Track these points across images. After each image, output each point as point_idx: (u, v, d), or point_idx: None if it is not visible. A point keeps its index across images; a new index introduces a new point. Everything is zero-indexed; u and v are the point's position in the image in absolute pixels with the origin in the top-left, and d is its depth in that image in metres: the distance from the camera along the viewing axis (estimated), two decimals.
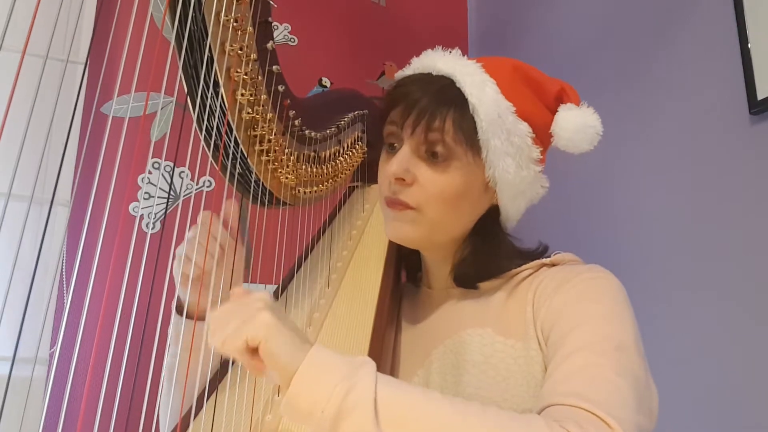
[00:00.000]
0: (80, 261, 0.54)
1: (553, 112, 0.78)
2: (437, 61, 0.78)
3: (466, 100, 0.73)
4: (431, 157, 0.74)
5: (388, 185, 0.77)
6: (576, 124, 0.76)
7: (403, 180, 0.75)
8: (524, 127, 0.75)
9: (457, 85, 0.74)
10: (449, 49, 0.79)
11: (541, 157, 0.78)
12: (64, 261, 1.42)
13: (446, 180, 0.74)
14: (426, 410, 0.51)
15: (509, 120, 0.74)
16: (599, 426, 0.52)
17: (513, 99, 0.75)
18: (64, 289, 1.41)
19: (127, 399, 0.55)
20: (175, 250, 0.76)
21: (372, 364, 0.53)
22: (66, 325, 1.28)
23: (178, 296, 0.79)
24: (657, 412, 0.62)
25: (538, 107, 0.78)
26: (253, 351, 0.52)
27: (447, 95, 0.74)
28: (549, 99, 0.79)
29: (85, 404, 0.52)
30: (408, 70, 0.81)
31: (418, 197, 0.75)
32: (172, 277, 0.76)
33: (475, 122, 0.73)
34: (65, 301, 1.40)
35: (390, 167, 0.75)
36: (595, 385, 0.57)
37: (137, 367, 0.54)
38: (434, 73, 0.77)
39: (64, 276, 1.43)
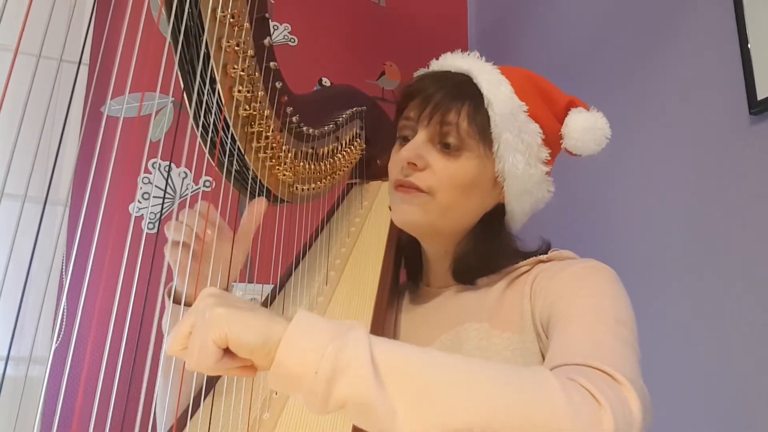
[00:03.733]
0: (82, 261, 0.54)
1: (561, 121, 0.81)
2: (456, 60, 0.82)
3: (482, 95, 0.76)
4: (444, 147, 0.77)
5: (399, 170, 0.78)
6: (586, 126, 0.79)
7: (415, 165, 0.77)
8: (535, 127, 0.78)
9: (474, 81, 0.78)
10: (468, 52, 0.83)
11: (550, 158, 0.81)
12: (64, 261, 1.42)
13: (458, 167, 0.76)
14: (427, 362, 0.48)
15: (521, 118, 0.77)
16: (608, 381, 0.51)
17: (525, 100, 0.78)
18: (65, 289, 1.41)
19: (123, 398, 0.55)
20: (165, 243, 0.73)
21: (363, 325, 0.49)
22: (65, 325, 1.28)
23: (175, 285, 0.76)
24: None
25: (547, 114, 0.81)
26: (231, 352, 0.48)
27: (463, 89, 0.77)
28: (558, 109, 0.82)
29: (80, 403, 0.51)
30: (425, 71, 0.84)
31: (429, 181, 0.76)
32: (169, 278, 0.75)
33: (488, 117, 0.76)
34: (65, 301, 1.40)
35: (402, 152, 0.77)
36: (600, 347, 0.57)
37: (133, 366, 0.53)
38: (452, 70, 0.80)
39: (64, 276, 1.42)
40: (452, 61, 0.82)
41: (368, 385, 0.45)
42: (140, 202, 1.56)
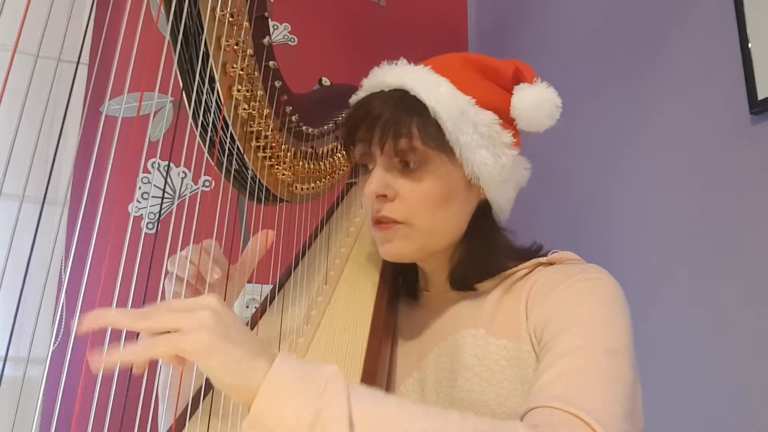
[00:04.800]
0: (81, 261, 0.54)
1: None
2: (385, 75, 0.77)
3: (425, 105, 0.72)
4: (405, 167, 0.74)
5: (371, 205, 0.76)
6: (533, 102, 0.75)
7: (385, 196, 0.74)
8: (488, 116, 0.74)
9: (411, 93, 0.73)
10: (395, 62, 0.79)
11: (515, 140, 0.77)
12: (63, 261, 1.42)
13: (426, 186, 0.73)
14: (403, 421, 0.50)
15: (471, 113, 0.73)
16: (583, 430, 0.52)
17: (470, 92, 0.74)
18: (63, 289, 1.41)
19: (122, 398, 0.55)
20: (169, 254, 0.73)
21: (340, 378, 0.50)
22: (64, 325, 1.28)
23: None
24: (642, 422, 0.62)
25: (497, 93, 0.78)
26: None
27: (405, 104, 0.73)
28: (506, 81, 0.78)
29: (79, 403, 0.51)
30: (361, 92, 0.80)
31: (402, 211, 0.74)
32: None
33: (439, 125, 0.72)
34: (63, 301, 1.40)
35: (368, 187, 0.74)
36: (583, 389, 0.57)
37: (132, 366, 0.53)
38: (386, 89, 0.76)
39: (63, 276, 1.42)
40: (382, 78, 0.77)
41: None
42: (139, 202, 1.56)
